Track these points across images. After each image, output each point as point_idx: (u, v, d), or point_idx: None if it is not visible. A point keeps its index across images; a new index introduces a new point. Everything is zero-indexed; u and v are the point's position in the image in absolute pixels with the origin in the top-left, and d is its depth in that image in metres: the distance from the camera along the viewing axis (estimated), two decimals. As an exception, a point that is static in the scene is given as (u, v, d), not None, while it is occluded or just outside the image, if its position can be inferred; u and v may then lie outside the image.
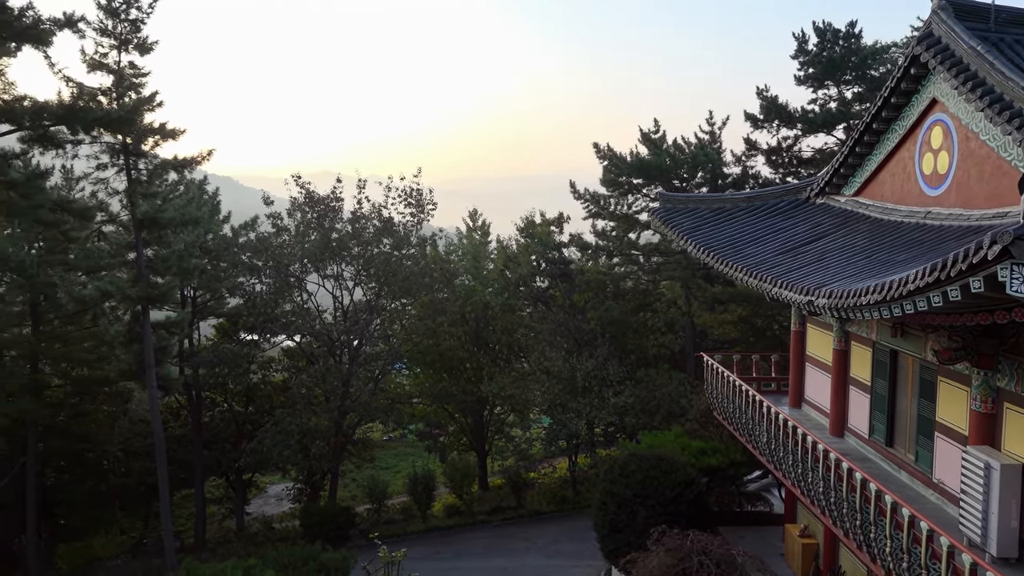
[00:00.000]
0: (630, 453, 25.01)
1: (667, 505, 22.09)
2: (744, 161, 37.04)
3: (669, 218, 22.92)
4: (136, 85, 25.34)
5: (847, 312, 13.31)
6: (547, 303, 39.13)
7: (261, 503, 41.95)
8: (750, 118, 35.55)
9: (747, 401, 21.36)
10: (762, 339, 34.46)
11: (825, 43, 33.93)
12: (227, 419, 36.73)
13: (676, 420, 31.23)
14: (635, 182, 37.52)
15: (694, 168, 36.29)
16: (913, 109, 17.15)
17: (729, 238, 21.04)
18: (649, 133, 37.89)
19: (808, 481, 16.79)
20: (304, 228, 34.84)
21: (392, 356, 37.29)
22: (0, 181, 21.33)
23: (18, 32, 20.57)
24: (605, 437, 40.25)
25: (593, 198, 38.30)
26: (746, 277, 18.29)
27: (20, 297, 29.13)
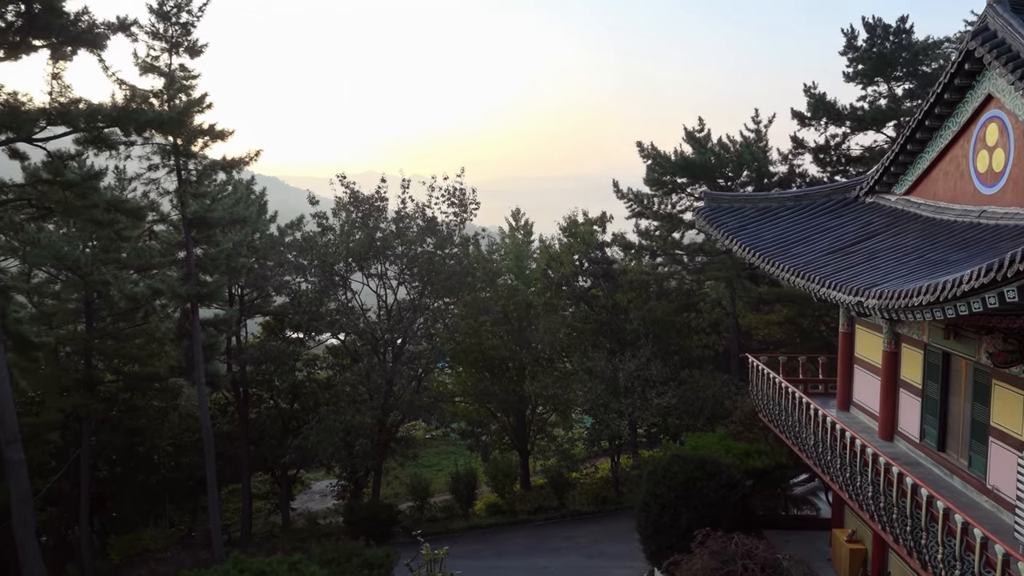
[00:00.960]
0: (673, 454, 24.83)
1: (711, 507, 21.87)
2: (791, 159, 36.55)
3: (714, 217, 22.69)
4: (186, 87, 25.83)
5: (898, 313, 13.05)
6: (590, 303, 38.99)
7: (306, 499, 42.50)
8: (797, 116, 35.06)
9: (793, 403, 21.05)
10: (808, 340, 33.94)
11: (875, 39, 33.32)
12: (273, 416, 37.28)
13: (720, 422, 30.91)
14: (679, 181, 37.27)
15: (739, 167, 35.91)
16: (967, 105, 16.74)
17: (776, 237, 20.76)
18: (694, 132, 37.58)
19: (856, 485, 16.49)
20: (349, 227, 35.20)
21: (435, 355, 37.53)
22: (57, 181, 21.88)
23: (74, 36, 21.06)
24: (648, 438, 40.04)
25: (636, 197, 38.11)
26: (793, 277, 18.03)
27: (75, 295, 29.91)
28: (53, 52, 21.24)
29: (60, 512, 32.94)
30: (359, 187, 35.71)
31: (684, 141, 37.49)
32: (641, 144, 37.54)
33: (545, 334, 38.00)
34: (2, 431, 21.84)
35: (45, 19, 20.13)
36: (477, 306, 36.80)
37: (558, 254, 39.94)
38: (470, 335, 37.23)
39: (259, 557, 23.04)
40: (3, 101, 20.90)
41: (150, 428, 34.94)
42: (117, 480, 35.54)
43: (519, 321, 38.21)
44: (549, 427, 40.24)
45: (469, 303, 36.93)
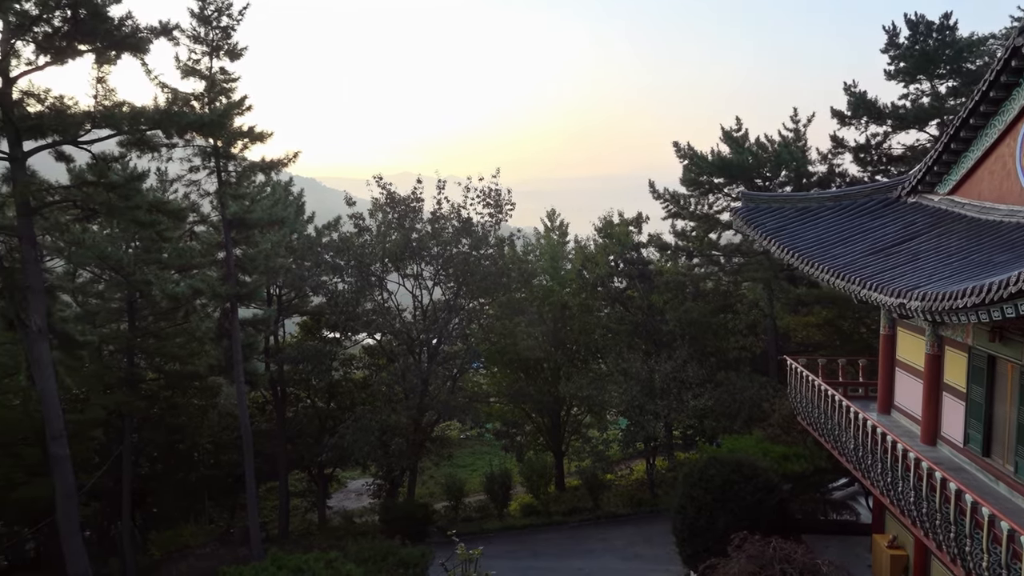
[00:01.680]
0: (710, 457, 24.63)
1: (748, 511, 21.66)
2: (830, 159, 36.03)
3: (752, 218, 22.46)
4: (227, 90, 26.20)
5: (942, 315, 12.80)
6: (625, 304, 38.81)
7: (342, 497, 42.85)
8: (836, 114, 34.56)
9: (833, 406, 20.75)
10: (848, 343, 33.43)
11: (918, 36, 32.72)
12: (310, 414, 37.65)
13: (757, 424, 30.58)
14: (716, 181, 36.93)
15: (778, 167, 35.49)
16: (1013, 103, 16.36)
17: (815, 238, 20.49)
18: (731, 131, 37.23)
19: (898, 490, 16.20)
20: (385, 228, 35.42)
21: (470, 355, 37.61)
22: (101, 183, 22.34)
23: (118, 41, 21.48)
24: (684, 440, 39.77)
25: (673, 198, 37.84)
26: (833, 278, 17.77)
27: (118, 294, 30.48)
28: (98, 56, 21.69)
29: (103, 507, 33.60)
30: (395, 188, 35.96)
31: (721, 140, 37.16)
32: (677, 144, 37.27)
33: (580, 335, 37.94)
34: (48, 427, 22.37)
35: (90, 24, 20.57)
36: (512, 307, 36.82)
37: (593, 255, 39.80)
38: (505, 336, 37.26)
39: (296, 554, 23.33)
40: (50, 105, 21.40)
41: (190, 426, 35.48)
42: (158, 477, 36.14)
43: (554, 322, 38.16)
44: (584, 428, 40.13)
45: (504, 304, 36.96)
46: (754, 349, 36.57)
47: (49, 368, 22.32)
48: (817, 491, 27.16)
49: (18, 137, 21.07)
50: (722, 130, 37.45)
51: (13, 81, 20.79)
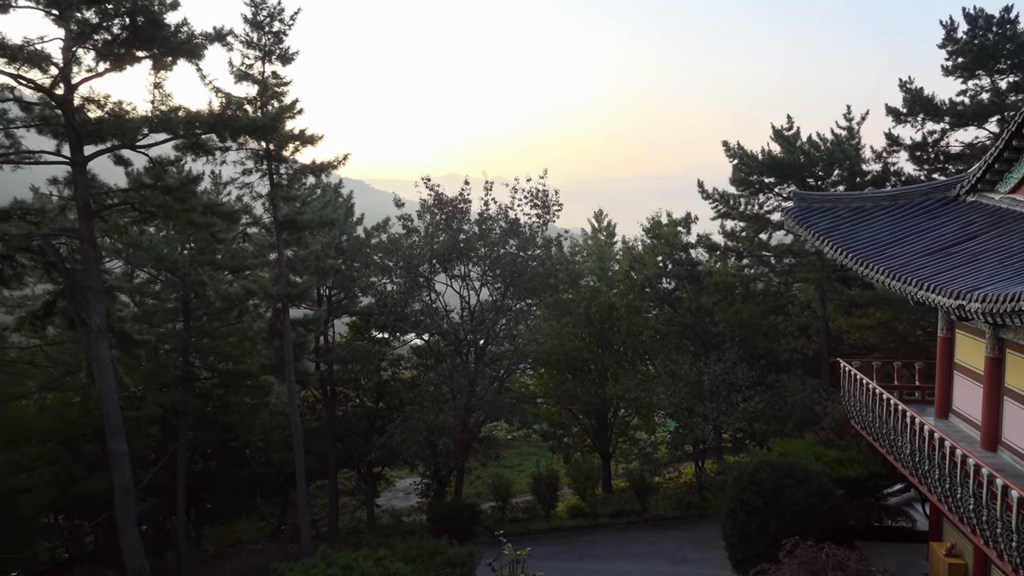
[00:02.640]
0: (761, 460, 24.29)
1: (800, 516, 21.31)
2: (885, 158, 35.28)
3: (804, 218, 22.08)
4: (278, 94, 26.60)
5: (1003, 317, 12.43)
6: (673, 305, 38.47)
7: (390, 496, 43.24)
8: (892, 112, 33.83)
9: (888, 410, 20.29)
10: (904, 345, 32.67)
11: (976, 30, 31.84)
12: (359, 414, 38.05)
13: (809, 428, 30.07)
14: (767, 181, 36.42)
15: (830, 166, 34.86)
16: (1080, 98, 15.83)
17: (869, 238, 20.07)
18: (782, 130, 36.68)
19: (957, 497, 15.78)
20: (433, 229, 35.66)
21: (517, 356, 37.65)
22: (158, 186, 22.87)
23: (174, 47, 21.98)
24: (733, 443, 39.27)
25: (722, 198, 37.41)
26: (888, 279, 17.40)
27: (174, 295, 31.19)
28: (155, 62, 22.23)
29: (159, 503, 34.38)
30: (443, 189, 36.16)
31: (771, 139, 36.62)
32: (727, 143, 36.85)
33: (628, 336, 37.70)
34: (107, 424, 22.97)
35: (148, 31, 21.07)
36: (559, 308, 36.79)
37: (641, 255, 39.54)
38: (552, 337, 37.23)
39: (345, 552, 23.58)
40: (109, 110, 21.98)
41: (242, 424, 36.13)
42: (212, 474, 36.86)
43: (601, 323, 38.01)
44: (631, 430, 39.88)
45: (551, 304, 36.95)
46: (806, 351, 35.94)
47: (108, 366, 22.92)
48: (871, 496, 26.60)
49: (79, 142, 21.69)
50: (773, 129, 36.92)
51: (75, 87, 21.40)
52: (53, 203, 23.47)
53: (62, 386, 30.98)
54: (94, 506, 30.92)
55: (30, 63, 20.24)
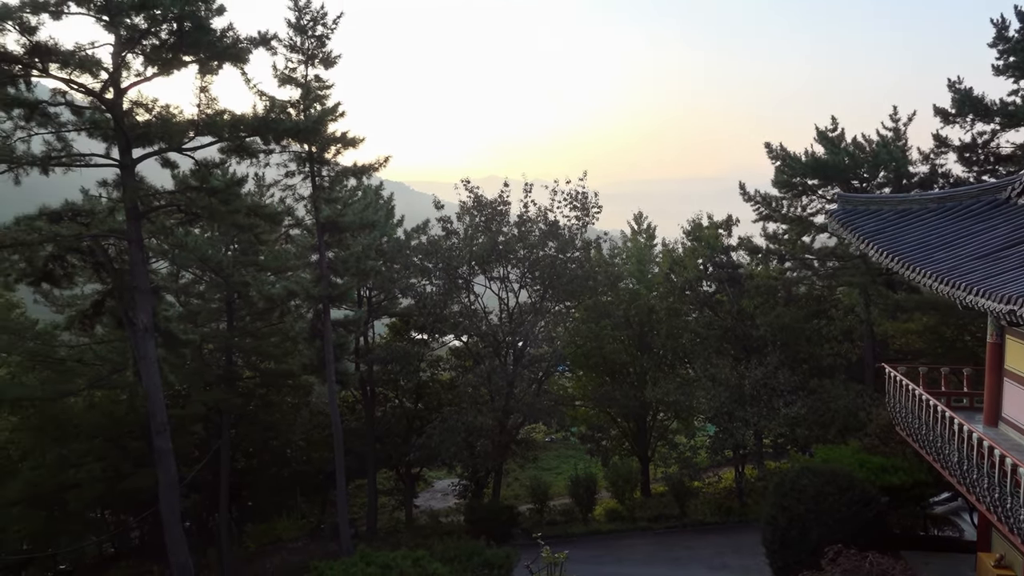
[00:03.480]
0: (803, 466, 23.94)
1: (843, 523, 20.94)
2: (932, 159, 34.49)
3: (848, 220, 21.72)
4: (321, 97, 26.91)
5: (1057, 323, 12.10)
6: (714, 308, 38.10)
7: (428, 496, 43.46)
8: (940, 112, 33.08)
9: (935, 417, 19.85)
10: (951, 351, 31.95)
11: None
12: (398, 414, 38.31)
13: (853, 434, 29.55)
14: (810, 183, 35.86)
15: (875, 167, 34.23)
16: None
17: (916, 241, 19.68)
18: (826, 131, 36.11)
19: (1007, 507, 15.38)
20: (472, 231, 35.77)
21: (556, 358, 37.59)
22: (203, 188, 23.29)
23: (220, 52, 22.36)
24: (774, 448, 38.75)
25: (764, 200, 36.93)
26: (936, 283, 17.04)
27: (218, 295, 31.75)
28: (201, 67, 22.62)
29: (202, 500, 34.98)
30: (482, 191, 36.25)
31: (815, 141, 36.06)
32: (769, 145, 36.39)
33: (667, 339, 37.43)
34: (153, 421, 23.42)
35: (194, 36, 21.46)
36: (598, 310, 36.65)
37: (681, 258, 39.24)
38: (591, 339, 37.11)
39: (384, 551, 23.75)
40: (156, 114, 22.42)
41: (283, 423, 36.60)
42: (253, 472, 37.40)
43: (641, 326, 37.79)
44: (670, 434, 39.59)
45: (590, 307, 36.84)
46: (849, 356, 35.33)
47: (154, 365, 23.37)
48: (917, 505, 26.02)
49: (128, 145, 22.16)
50: (816, 130, 36.37)
51: (124, 92, 21.87)
52: (102, 205, 24.03)
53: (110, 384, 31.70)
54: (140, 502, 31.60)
55: (81, 68, 20.73)
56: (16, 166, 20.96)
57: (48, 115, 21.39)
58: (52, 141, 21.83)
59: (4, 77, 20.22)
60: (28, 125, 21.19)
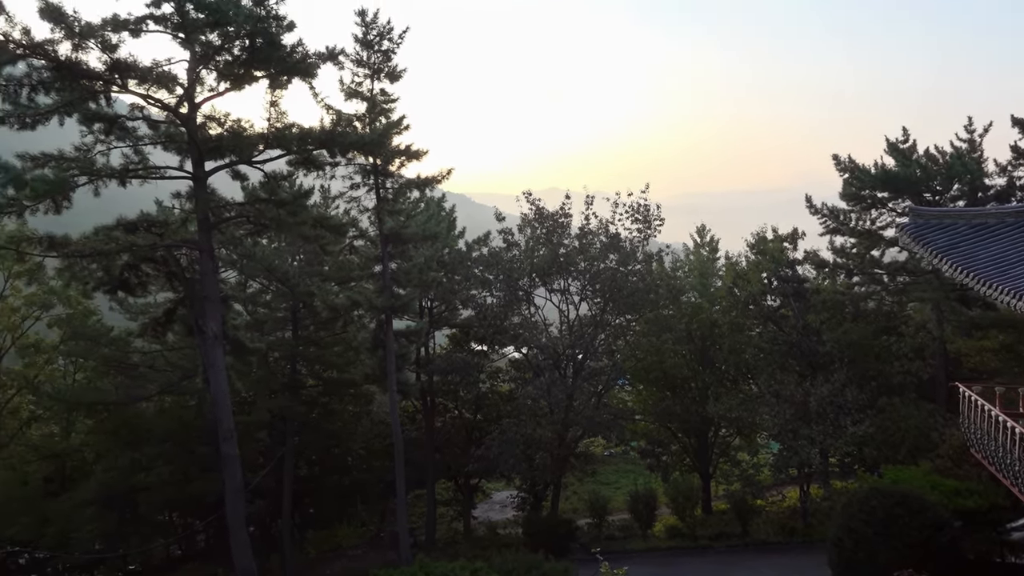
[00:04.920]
0: (871, 487, 23.30)
1: (914, 548, 20.30)
2: (1010, 171, 33.36)
3: (920, 234, 21.11)
4: (386, 111, 27.36)
5: None
6: (778, 323, 37.36)
7: (486, 508, 43.46)
8: (1018, 123, 32.00)
9: (1013, 440, 19.10)
10: (1030, 370, 30.74)
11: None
12: (457, 425, 38.45)
13: (924, 455, 28.61)
14: (880, 196, 35.01)
15: (949, 180, 33.25)
16: None
17: (993, 257, 19.03)
18: (896, 142, 35.24)
19: (1091, 535, 14.69)
20: (533, 243, 35.78)
21: (616, 371, 37.31)
22: (272, 200, 23.83)
23: (290, 67, 22.88)
24: (841, 468, 37.76)
25: (831, 213, 36.16)
26: (1014, 300, 16.43)
27: (283, 304, 32.38)
28: (271, 82, 23.18)
29: (266, 505, 35.63)
30: (543, 203, 36.25)
31: (885, 152, 35.22)
32: (837, 157, 35.68)
33: (730, 354, 36.84)
34: (220, 427, 23.95)
35: (266, 52, 22.01)
36: (659, 323, 36.26)
37: (745, 271, 38.61)
38: (652, 353, 36.72)
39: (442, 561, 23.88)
40: (228, 128, 23.04)
41: (345, 432, 37.08)
42: (315, 479, 37.95)
43: (703, 340, 37.27)
44: (733, 451, 38.87)
45: (651, 320, 36.47)
46: (920, 374, 34.24)
47: (222, 372, 23.92)
48: (993, 531, 25.01)
49: (201, 158, 22.82)
50: (887, 141, 35.54)
51: (198, 106, 22.54)
52: (175, 216, 24.81)
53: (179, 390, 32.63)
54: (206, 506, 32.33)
55: (159, 84, 21.45)
56: (96, 178, 21.76)
57: (126, 129, 22.17)
58: (129, 154, 22.62)
59: (86, 93, 21.03)
60: (107, 139, 22.00)
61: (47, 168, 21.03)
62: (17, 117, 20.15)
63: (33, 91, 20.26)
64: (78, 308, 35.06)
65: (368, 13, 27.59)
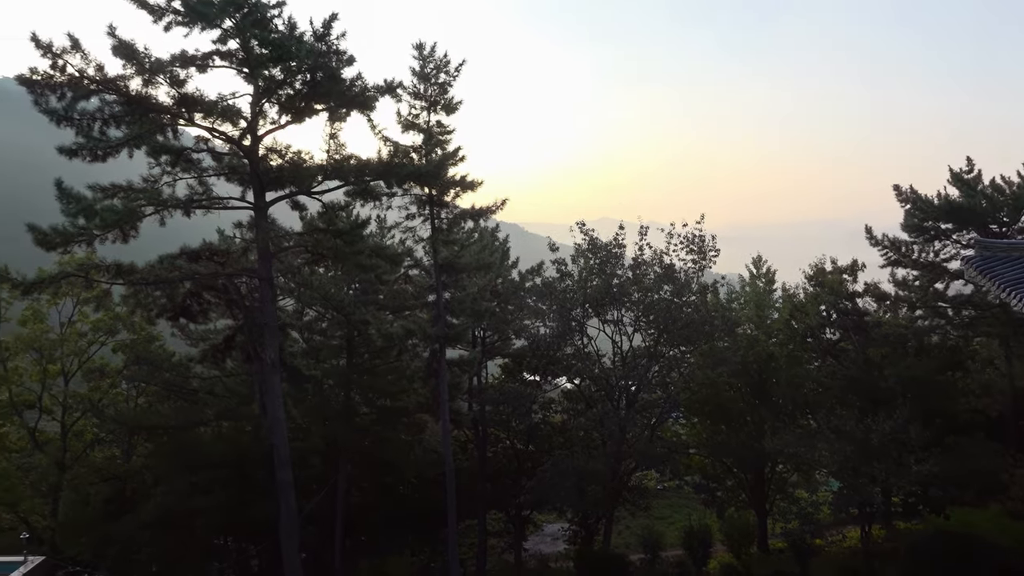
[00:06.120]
0: (937, 530, 22.49)
1: (984, 594, 19.45)
2: (1083, 203, 32.28)
3: (987, 267, 20.49)
4: (442, 142, 27.74)
5: None
6: (837, 357, 36.49)
7: (537, 540, 43.02)
8: (1091, 154, 31.00)
9: (1090, 482, 18.28)
10: (1106, 409, 29.47)
11: None
12: (509, 455, 38.27)
13: (993, 497, 27.52)
14: (943, 227, 34.16)
15: (1016, 211, 32.32)
16: None
17: (1066, 292, 18.35)
18: (960, 172, 34.41)
19: None
20: (587, 274, 35.67)
21: (669, 404, 36.78)
22: (329, 230, 24.29)
23: (349, 100, 23.41)
24: (904, 508, 36.51)
25: (893, 245, 35.37)
26: (1090, 337, 15.78)
27: (339, 332, 32.76)
28: (331, 114, 23.75)
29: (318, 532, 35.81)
30: (597, 233, 36.17)
31: (949, 183, 34.40)
32: (899, 187, 34.97)
33: (788, 388, 36.08)
34: (276, 454, 24.29)
35: (326, 86, 22.57)
36: (714, 356, 35.70)
37: (803, 304, 37.88)
38: (706, 385, 36.15)
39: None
40: (289, 159, 23.64)
41: (397, 460, 37.14)
42: (367, 507, 38.02)
43: (759, 373, 36.55)
44: (790, 487, 37.87)
45: (706, 352, 35.93)
46: (989, 412, 33.07)
47: (279, 399, 24.31)
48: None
49: (262, 188, 23.42)
50: (950, 171, 34.73)
51: (260, 139, 23.18)
52: (236, 245, 25.42)
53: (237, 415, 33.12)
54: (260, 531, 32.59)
55: (223, 117, 22.14)
56: (162, 208, 22.48)
57: (191, 161, 22.93)
58: (194, 185, 23.33)
59: (155, 126, 21.80)
60: (174, 170, 22.76)
61: (116, 199, 21.78)
62: (89, 150, 20.98)
63: (105, 125, 21.11)
64: (142, 334, 35.96)
65: (425, 47, 28.14)
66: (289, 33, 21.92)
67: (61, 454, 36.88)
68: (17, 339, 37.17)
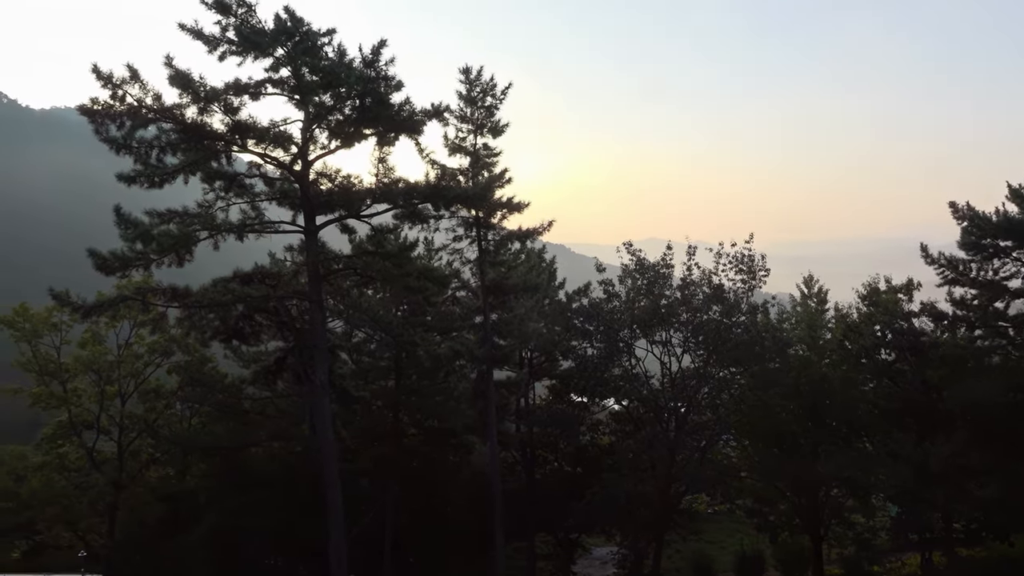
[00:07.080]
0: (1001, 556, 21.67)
1: (1053, 626, 18.66)
2: None
3: (1051, 286, 19.85)
4: (489, 164, 27.96)
5: None
6: (893, 378, 35.60)
7: (586, 564, 42.55)
8: None
9: None
10: None
11: None
12: (557, 478, 38.00)
13: (1061, 523, 26.49)
14: (1002, 244, 33.17)
15: (1080, 228, 31.24)
16: None
17: None
18: (1020, 188, 33.41)
19: None
20: (634, 294, 35.46)
21: (720, 426, 36.24)
22: (378, 253, 24.56)
23: (397, 124, 23.68)
24: (966, 534, 35.33)
25: (950, 263, 34.44)
26: None
27: (387, 354, 33.01)
28: (379, 139, 24.05)
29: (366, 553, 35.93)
30: (644, 254, 35.99)
31: (1007, 199, 33.44)
32: (955, 204, 34.05)
33: (842, 410, 35.28)
34: (325, 474, 24.46)
35: (375, 111, 22.88)
36: (766, 377, 35.11)
37: (856, 324, 37.09)
38: (758, 407, 35.54)
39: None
40: (338, 183, 23.98)
41: (444, 481, 37.14)
42: (414, 528, 38.05)
43: (812, 395, 35.79)
44: (846, 512, 36.93)
45: (757, 374, 35.37)
46: (1054, 435, 31.88)
47: (328, 420, 24.51)
48: None
49: (312, 212, 23.79)
50: (1008, 187, 33.73)
51: (310, 164, 23.58)
52: (287, 268, 25.82)
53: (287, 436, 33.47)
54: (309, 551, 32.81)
55: (275, 143, 22.59)
56: (216, 233, 22.95)
57: (244, 186, 23.41)
58: (247, 209, 23.79)
59: (209, 153, 22.34)
60: (227, 195, 23.25)
61: (172, 224, 22.32)
62: (147, 176, 21.57)
63: (162, 152, 21.71)
64: (195, 355, 36.67)
65: (472, 71, 28.47)
66: (339, 60, 22.31)
67: (117, 473, 37.65)
68: (77, 360, 38.18)
